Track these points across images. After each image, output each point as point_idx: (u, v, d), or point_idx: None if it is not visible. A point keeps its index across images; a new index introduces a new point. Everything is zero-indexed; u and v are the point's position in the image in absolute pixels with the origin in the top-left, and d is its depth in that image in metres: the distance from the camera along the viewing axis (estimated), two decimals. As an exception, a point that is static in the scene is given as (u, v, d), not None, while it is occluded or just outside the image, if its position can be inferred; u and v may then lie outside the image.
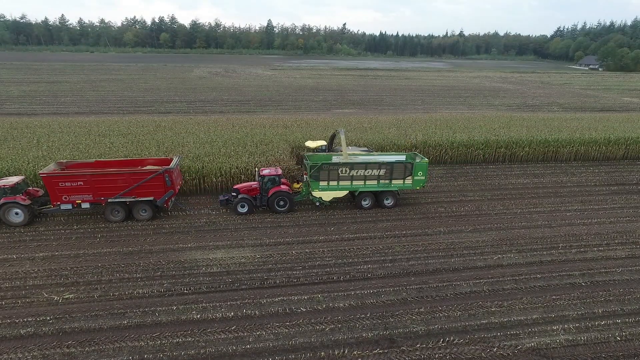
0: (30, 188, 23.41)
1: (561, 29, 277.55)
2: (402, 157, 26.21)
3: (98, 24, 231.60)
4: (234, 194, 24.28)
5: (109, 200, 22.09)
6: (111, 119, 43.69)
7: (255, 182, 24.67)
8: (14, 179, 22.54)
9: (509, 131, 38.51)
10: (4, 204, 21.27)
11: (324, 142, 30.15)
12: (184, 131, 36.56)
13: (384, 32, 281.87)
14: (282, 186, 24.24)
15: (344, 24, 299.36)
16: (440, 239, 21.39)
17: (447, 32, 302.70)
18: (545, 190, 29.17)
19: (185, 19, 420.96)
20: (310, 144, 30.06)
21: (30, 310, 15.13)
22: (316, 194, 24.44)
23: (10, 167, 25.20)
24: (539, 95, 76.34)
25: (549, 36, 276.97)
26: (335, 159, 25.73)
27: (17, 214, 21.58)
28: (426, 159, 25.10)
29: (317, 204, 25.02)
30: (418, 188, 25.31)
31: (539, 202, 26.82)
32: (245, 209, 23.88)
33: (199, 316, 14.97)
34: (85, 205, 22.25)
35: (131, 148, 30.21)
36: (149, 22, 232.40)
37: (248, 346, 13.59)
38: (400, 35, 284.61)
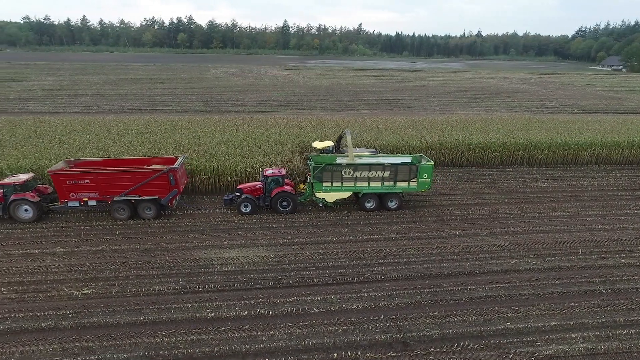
0: (40, 185, 23.99)
1: (583, 28, 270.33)
2: (408, 159, 25.95)
3: (118, 25, 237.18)
4: (238, 193, 24.45)
5: (115, 198, 22.52)
6: (130, 118, 44.56)
7: (259, 182, 24.72)
8: (23, 176, 23.11)
9: (528, 133, 37.78)
10: (13, 201, 21.89)
11: (331, 143, 30.11)
12: (200, 130, 37.02)
13: (400, 33, 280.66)
14: (286, 187, 24.27)
15: (360, 24, 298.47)
16: (456, 242, 21.14)
17: (464, 32, 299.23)
18: (564, 194, 28.52)
19: (202, 20, 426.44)
20: (318, 144, 30.04)
21: (51, 304, 15.56)
22: (319, 195, 24.41)
23: (33, 164, 25.93)
24: (559, 96, 74.66)
25: (570, 36, 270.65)
26: (339, 160, 25.65)
27: (26, 210, 22.18)
28: (432, 161, 24.77)
29: (321, 205, 24.96)
30: (423, 191, 24.99)
31: (558, 207, 26.23)
32: (248, 209, 23.96)
33: (213, 314, 15.14)
34: (92, 203, 22.71)
35: (149, 147, 30.74)
36: (167, 23, 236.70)
37: (261, 345, 13.69)
38: (416, 35, 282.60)
